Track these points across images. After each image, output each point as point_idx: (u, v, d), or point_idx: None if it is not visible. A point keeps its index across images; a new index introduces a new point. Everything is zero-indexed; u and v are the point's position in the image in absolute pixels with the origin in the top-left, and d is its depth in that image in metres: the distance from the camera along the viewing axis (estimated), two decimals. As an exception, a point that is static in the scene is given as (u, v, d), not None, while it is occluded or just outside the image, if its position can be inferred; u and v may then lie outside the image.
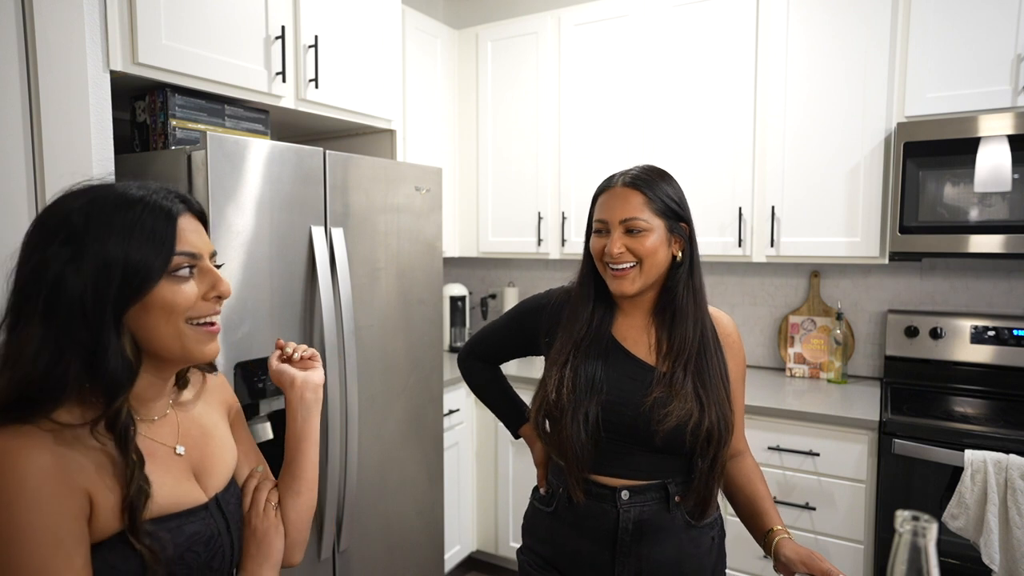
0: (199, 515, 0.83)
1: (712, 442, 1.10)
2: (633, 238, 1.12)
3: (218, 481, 0.89)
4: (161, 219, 0.77)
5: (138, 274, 0.75)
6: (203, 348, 0.82)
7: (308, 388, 1.01)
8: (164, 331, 0.78)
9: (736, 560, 2.18)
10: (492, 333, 1.42)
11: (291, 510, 0.99)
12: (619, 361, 1.17)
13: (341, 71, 2.04)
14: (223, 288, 0.83)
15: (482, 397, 1.48)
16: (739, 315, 2.78)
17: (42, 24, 1.32)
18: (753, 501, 1.18)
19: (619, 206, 1.13)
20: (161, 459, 0.81)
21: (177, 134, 1.64)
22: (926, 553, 0.63)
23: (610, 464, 1.15)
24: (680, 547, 1.14)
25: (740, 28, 2.36)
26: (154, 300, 0.76)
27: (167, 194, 0.81)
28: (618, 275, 1.13)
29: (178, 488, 0.82)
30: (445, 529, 2.30)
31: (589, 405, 1.12)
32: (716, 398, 1.12)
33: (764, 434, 2.13)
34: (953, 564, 1.84)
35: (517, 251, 2.90)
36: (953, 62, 2.04)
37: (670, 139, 2.52)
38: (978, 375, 2.26)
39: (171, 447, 0.84)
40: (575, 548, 1.18)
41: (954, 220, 2.00)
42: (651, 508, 1.13)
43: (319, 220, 1.70)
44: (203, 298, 0.81)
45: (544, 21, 2.77)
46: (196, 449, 0.87)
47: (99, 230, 0.74)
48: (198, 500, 0.84)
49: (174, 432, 0.86)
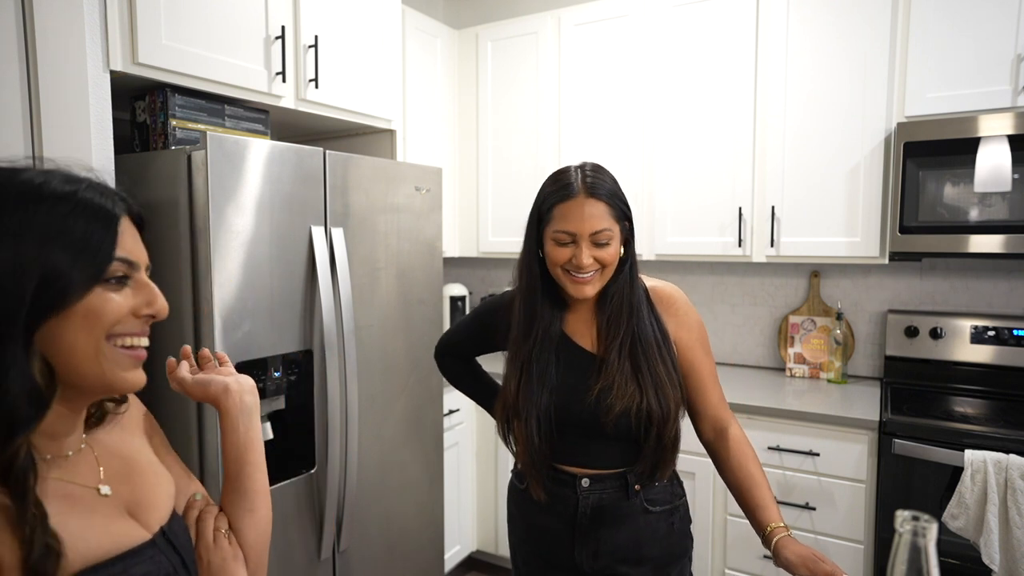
0: (146, 554, 0.70)
1: (653, 422, 1.14)
2: (600, 248, 1.13)
3: (160, 514, 0.76)
4: (98, 219, 0.66)
5: (59, 282, 0.62)
6: (124, 374, 0.69)
7: (246, 391, 0.89)
8: (82, 348, 0.64)
9: (736, 560, 2.18)
10: (458, 332, 1.47)
11: (248, 530, 0.86)
12: (567, 355, 1.22)
13: (341, 71, 2.04)
14: (159, 305, 0.70)
15: (460, 388, 1.52)
16: (739, 315, 2.78)
17: (42, 24, 1.32)
18: (749, 489, 1.19)
19: (587, 219, 1.11)
20: (82, 502, 0.68)
21: (177, 134, 1.64)
22: (926, 553, 0.63)
23: (571, 454, 1.21)
24: (637, 531, 1.19)
25: (740, 28, 2.36)
26: (76, 310, 0.63)
27: (105, 190, 0.69)
28: (581, 281, 1.15)
29: (111, 529, 0.68)
30: (445, 529, 2.30)
31: (541, 406, 1.17)
32: (654, 379, 1.15)
33: (764, 434, 2.13)
34: (953, 564, 1.84)
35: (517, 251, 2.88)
36: (953, 62, 2.04)
37: (670, 139, 2.52)
38: (978, 375, 2.26)
39: (93, 488, 0.70)
40: (542, 525, 1.25)
41: (954, 220, 2.00)
42: (610, 495, 1.19)
43: (319, 220, 1.70)
44: (133, 314, 0.68)
45: (544, 21, 2.77)
46: (124, 485, 0.74)
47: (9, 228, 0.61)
48: (140, 538, 0.70)
49: (93, 470, 0.72)
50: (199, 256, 1.45)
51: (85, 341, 0.64)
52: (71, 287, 0.62)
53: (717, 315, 2.83)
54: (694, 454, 1.32)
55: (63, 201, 0.64)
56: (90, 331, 0.64)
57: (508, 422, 1.24)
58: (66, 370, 0.65)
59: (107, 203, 0.67)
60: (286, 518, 1.63)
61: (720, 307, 2.82)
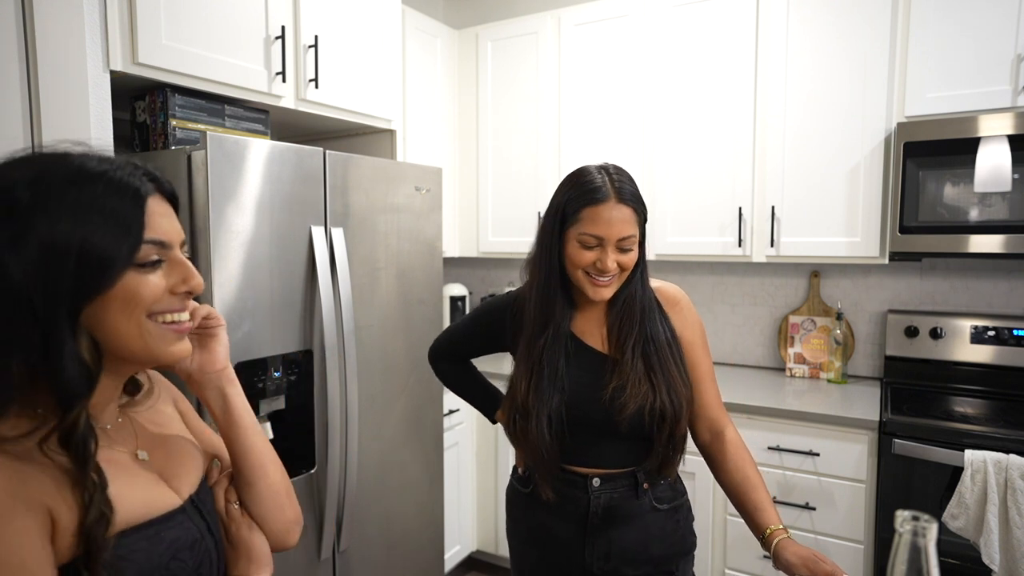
0: (177, 519, 0.74)
1: (666, 419, 1.14)
2: (623, 253, 1.14)
3: (190, 482, 0.80)
4: (127, 199, 0.67)
5: (98, 264, 0.64)
6: (169, 348, 0.72)
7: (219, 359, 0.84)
8: (124, 329, 0.67)
9: (736, 560, 2.18)
10: (456, 334, 1.45)
11: (252, 504, 0.86)
12: (578, 355, 1.21)
13: (341, 71, 2.04)
14: (195, 282, 0.72)
15: (455, 390, 1.51)
16: (739, 315, 2.78)
17: (42, 24, 1.32)
18: (746, 492, 1.18)
19: (617, 225, 1.11)
20: (124, 468, 0.72)
21: (177, 134, 1.64)
22: (926, 553, 0.63)
23: (581, 455, 1.21)
24: (647, 530, 1.20)
25: (740, 28, 2.36)
26: (114, 294, 0.66)
27: (134, 170, 0.69)
28: (602, 284, 1.15)
29: (148, 494, 0.73)
30: (445, 529, 2.30)
31: (552, 405, 1.17)
32: (666, 377, 1.16)
33: (764, 434, 2.13)
34: (953, 564, 1.84)
35: (517, 251, 2.90)
36: (953, 62, 2.04)
37: (670, 139, 2.52)
38: (978, 375, 2.26)
39: (132, 453, 0.75)
40: (549, 529, 1.24)
41: (954, 220, 2.00)
42: (620, 494, 1.19)
43: (319, 220, 1.70)
44: (171, 292, 0.71)
45: (544, 21, 2.77)
46: (158, 452, 0.78)
47: (49, 209, 0.62)
48: (172, 504, 0.75)
49: (132, 438, 0.77)
50: (199, 256, 1.45)
51: (127, 323, 0.67)
52: (108, 266, 0.65)
53: (717, 315, 2.83)
54: (694, 454, 1.32)
55: (98, 180, 0.66)
56: (130, 313, 0.67)
57: (515, 423, 1.23)
58: (113, 347, 0.68)
59: (135, 182, 0.68)
60: (286, 518, 1.63)
61: (720, 307, 2.82)
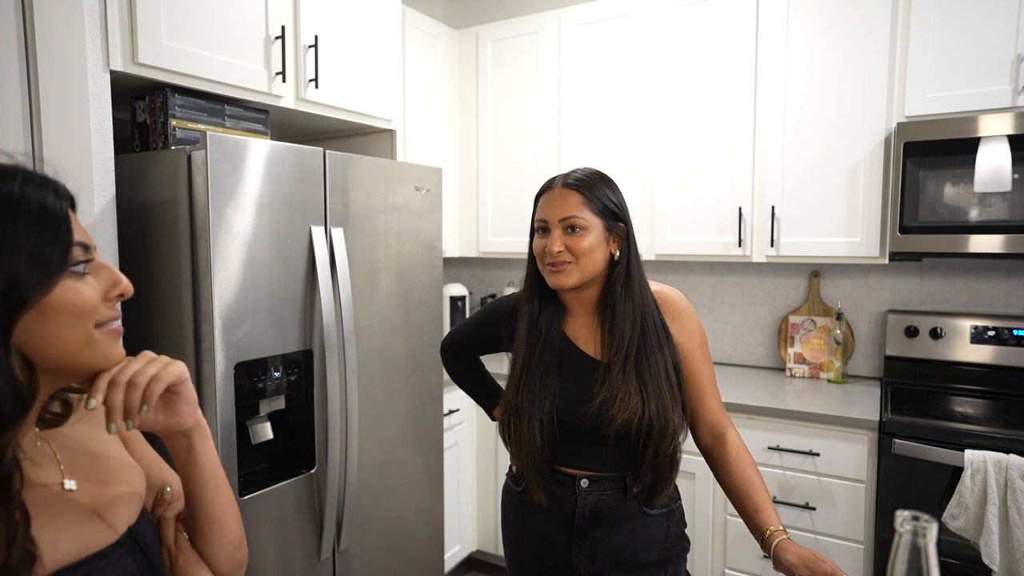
0: (112, 556, 0.68)
1: (652, 435, 1.14)
2: (572, 237, 1.16)
3: (128, 512, 0.73)
4: (50, 198, 0.62)
5: (34, 268, 0.59)
6: (113, 354, 0.68)
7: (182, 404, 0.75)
8: (70, 339, 0.63)
9: (736, 560, 2.18)
10: (465, 330, 1.48)
11: (203, 548, 0.79)
12: (570, 359, 1.22)
13: (341, 71, 2.04)
14: (125, 285, 0.69)
15: (459, 383, 1.53)
16: (739, 315, 2.78)
17: (42, 24, 1.32)
18: (747, 494, 1.18)
19: (558, 206, 1.17)
20: (48, 503, 0.65)
21: (177, 134, 1.64)
22: (926, 553, 0.63)
23: (571, 456, 1.21)
24: (634, 533, 1.19)
25: (740, 28, 2.36)
26: (54, 302, 0.61)
27: (41, 181, 0.65)
28: (555, 270, 1.17)
29: (79, 532, 0.66)
30: (445, 529, 2.30)
31: (544, 409, 1.18)
32: (656, 391, 1.15)
33: (764, 434, 2.13)
34: (953, 564, 1.84)
35: (517, 251, 2.90)
36: (953, 62, 2.04)
37: (670, 139, 2.52)
38: (978, 375, 2.26)
39: (57, 485, 0.67)
40: (539, 527, 1.25)
41: (954, 220, 2.00)
42: (608, 497, 1.19)
43: (319, 220, 1.70)
44: (105, 298, 0.67)
45: (544, 21, 2.77)
46: (89, 480, 0.71)
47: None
48: (107, 540, 0.68)
49: (54, 465, 0.69)
50: (199, 256, 1.45)
51: (72, 333, 0.64)
52: (45, 273, 0.61)
53: (717, 315, 2.83)
54: (694, 454, 1.32)
55: (13, 178, 0.61)
56: (74, 323, 0.64)
57: (509, 423, 1.24)
58: (50, 361, 0.64)
59: (48, 197, 0.64)
60: (286, 518, 1.63)
61: (720, 307, 2.82)
